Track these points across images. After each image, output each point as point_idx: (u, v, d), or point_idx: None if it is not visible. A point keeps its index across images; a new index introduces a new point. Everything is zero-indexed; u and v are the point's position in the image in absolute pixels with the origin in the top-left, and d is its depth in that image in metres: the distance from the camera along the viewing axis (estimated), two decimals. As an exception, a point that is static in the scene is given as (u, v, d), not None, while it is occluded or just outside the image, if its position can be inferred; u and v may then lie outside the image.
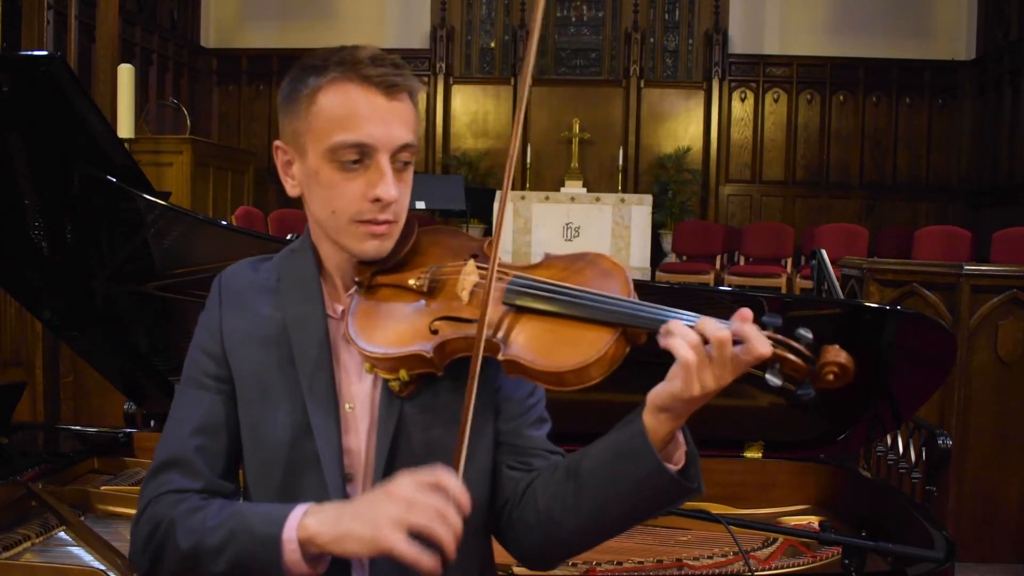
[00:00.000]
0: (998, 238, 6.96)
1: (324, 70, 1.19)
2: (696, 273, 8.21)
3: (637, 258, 8.45)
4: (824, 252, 3.43)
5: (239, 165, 7.64)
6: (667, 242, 9.16)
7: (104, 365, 2.44)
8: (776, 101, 10.04)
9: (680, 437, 1.14)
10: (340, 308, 1.27)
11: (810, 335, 1.05)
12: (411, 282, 1.21)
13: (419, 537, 1.04)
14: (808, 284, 6.82)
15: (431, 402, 1.19)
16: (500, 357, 1.13)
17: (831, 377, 1.03)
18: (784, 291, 7.78)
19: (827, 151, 9.97)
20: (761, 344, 1.04)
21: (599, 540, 1.24)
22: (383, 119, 1.18)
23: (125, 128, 6.00)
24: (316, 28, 10.10)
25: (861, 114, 9.93)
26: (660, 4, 10.37)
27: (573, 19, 10.55)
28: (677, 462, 1.13)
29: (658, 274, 8.45)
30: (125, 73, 6.17)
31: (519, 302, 1.15)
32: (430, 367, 1.17)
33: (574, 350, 1.10)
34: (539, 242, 8.49)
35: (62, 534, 1.87)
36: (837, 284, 3.41)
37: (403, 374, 1.17)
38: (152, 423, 2.45)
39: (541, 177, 9.89)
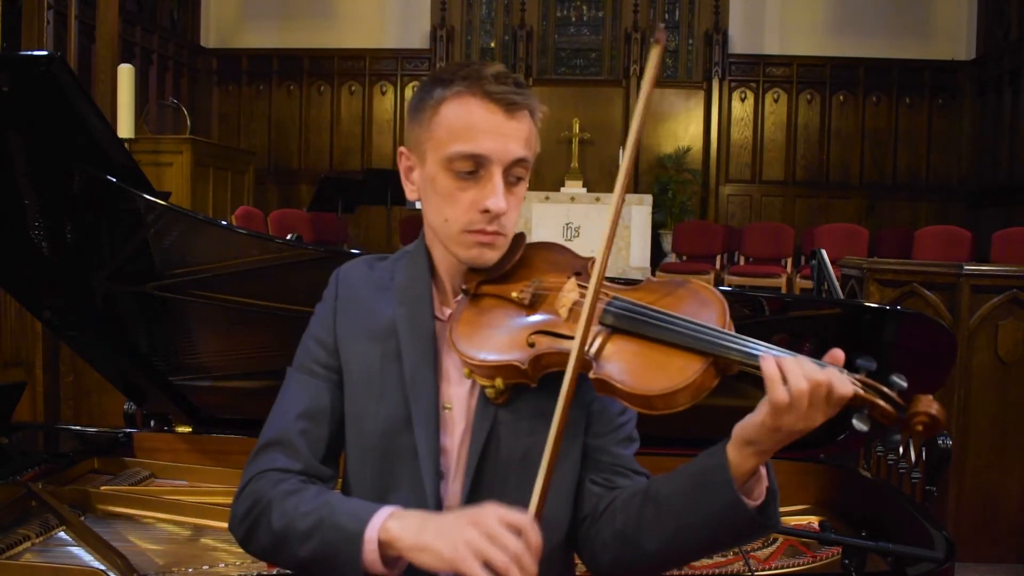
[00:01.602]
0: (998, 238, 6.96)
1: (450, 83, 1.24)
2: (696, 273, 8.20)
3: (637, 258, 8.45)
4: (824, 252, 3.43)
5: (239, 165, 7.63)
6: (667, 242, 9.15)
7: (104, 365, 2.44)
8: (776, 101, 10.04)
9: (763, 472, 1.15)
10: (448, 312, 1.31)
11: (904, 383, 1.06)
12: (514, 294, 1.25)
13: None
14: (808, 284, 6.82)
15: (524, 410, 1.23)
16: (591, 375, 1.15)
17: (920, 428, 1.04)
18: (784, 291, 7.78)
19: (827, 151, 9.96)
20: (844, 387, 1.05)
21: (673, 565, 1.27)
22: (500, 134, 1.22)
23: (125, 128, 6.00)
24: (316, 28, 10.11)
25: (861, 114, 9.92)
26: (660, 4, 10.37)
27: (573, 19, 10.55)
28: (757, 497, 1.15)
29: (658, 274, 8.44)
30: (125, 73, 6.17)
31: (615, 323, 1.17)
32: (524, 378, 1.20)
33: (664, 375, 1.11)
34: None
35: (62, 534, 1.87)
36: (837, 284, 3.41)
37: (499, 382, 1.21)
38: (152, 423, 2.45)
39: (541, 177, 9.88)
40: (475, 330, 1.23)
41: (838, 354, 1.07)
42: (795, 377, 1.05)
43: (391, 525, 1.15)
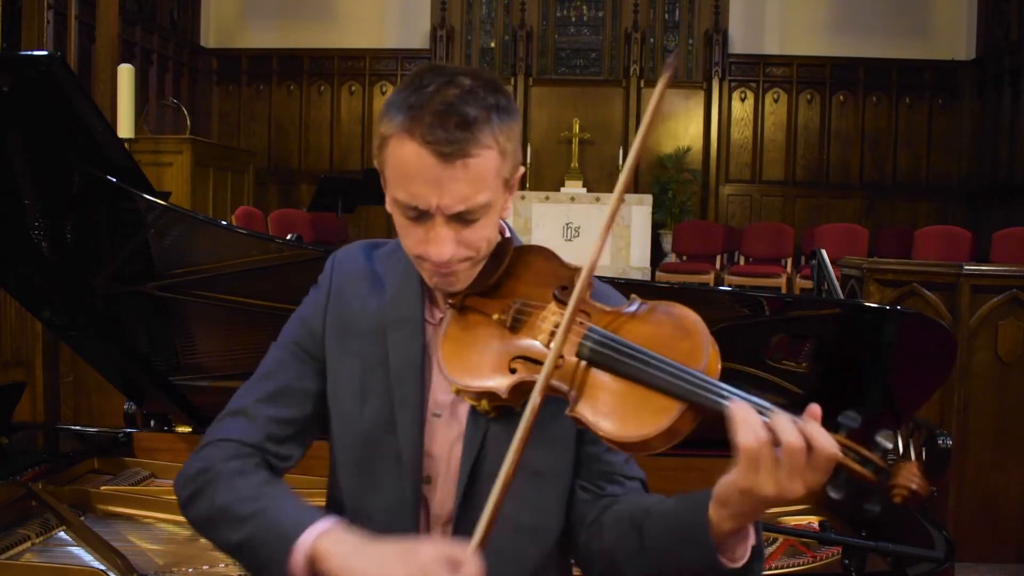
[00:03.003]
0: (998, 238, 6.96)
1: (395, 115, 1.14)
2: (696, 273, 8.20)
3: (637, 258, 8.45)
4: (824, 252, 3.43)
5: (239, 165, 7.63)
6: (667, 242, 9.15)
7: (104, 365, 2.44)
8: (776, 101, 10.03)
9: (749, 531, 1.10)
10: (439, 315, 1.28)
11: (890, 443, 0.99)
12: (495, 316, 1.21)
13: None
14: (808, 284, 6.82)
15: (516, 422, 1.18)
16: (567, 412, 1.11)
17: (898, 499, 0.96)
18: (784, 291, 7.78)
19: (827, 151, 9.96)
20: (830, 451, 0.97)
21: None
22: (437, 185, 1.12)
23: (125, 128, 6.00)
24: (316, 28, 10.10)
25: (861, 114, 9.92)
26: (660, 4, 10.37)
27: (573, 19, 10.54)
28: (739, 557, 1.10)
29: (658, 274, 8.44)
30: (125, 73, 6.17)
31: (591, 356, 1.12)
32: (507, 403, 1.16)
33: (637, 421, 1.07)
34: (539, 241, 8.48)
35: (62, 534, 1.87)
36: (837, 284, 3.41)
37: (484, 403, 1.18)
38: (152, 423, 2.45)
39: (541, 177, 9.88)
40: (460, 350, 1.20)
41: (815, 410, 1.01)
42: (758, 425, 0.99)
43: (323, 543, 1.11)
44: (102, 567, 1.70)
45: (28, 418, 3.49)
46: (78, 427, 2.67)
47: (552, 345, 1.12)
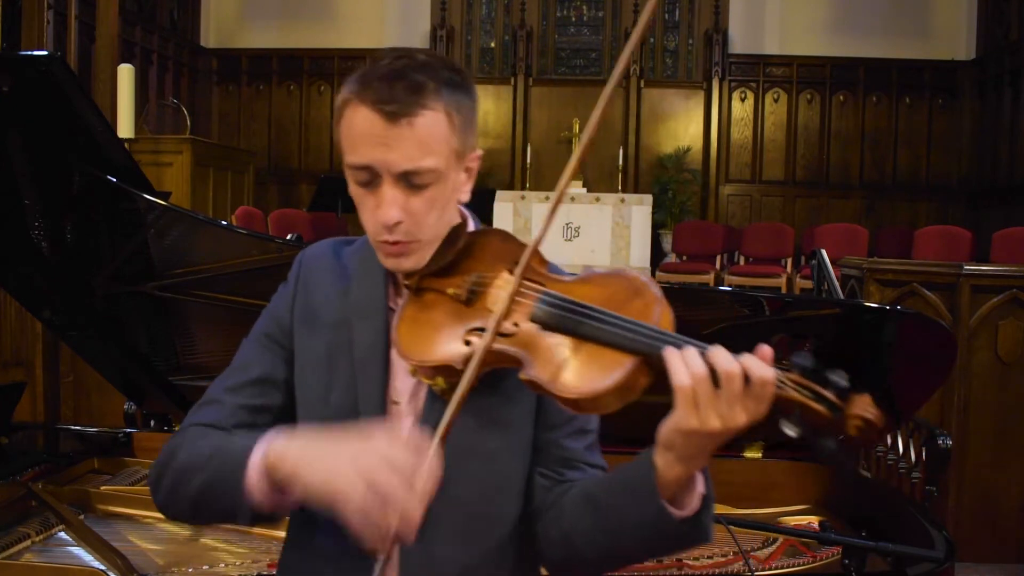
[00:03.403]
0: (998, 238, 6.96)
1: (350, 87, 1.19)
2: (696, 273, 8.21)
3: (637, 258, 8.44)
4: (824, 252, 3.43)
5: (239, 165, 7.63)
6: (667, 242, 9.15)
7: (104, 365, 2.44)
8: (776, 101, 10.03)
9: (698, 481, 1.11)
10: (400, 303, 1.29)
11: (845, 381, 0.98)
12: (450, 291, 1.21)
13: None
14: (808, 284, 6.82)
15: (472, 406, 1.18)
16: (521, 376, 1.11)
17: (855, 432, 0.96)
18: (784, 291, 7.78)
19: (827, 151, 9.96)
20: (763, 372, 0.98)
21: (617, 567, 1.25)
22: (382, 144, 1.16)
23: (125, 128, 6.00)
24: (316, 28, 10.11)
25: (861, 114, 9.92)
26: (660, 4, 10.37)
27: (573, 19, 10.55)
28: (687, 506, 1.10)
29: (658, 274, 8.44)
30: (125, 73, 6.17)
31: (545, 319, 1.13)
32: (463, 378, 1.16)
33: (588, 377, 1.07)
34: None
35: (62, 534, 1.87)
36: (837, 284, 3.41)
37: (440, 381, 1.17)
38: (152, 423, 2.46)
39: (541, 177, 9.88)
40: (415, 328, 1.20)
41: (766, 351, 1.01)
42: (695, 361, 1.00)
43: (274, 450, 1.12)
44: (102, 567, 1.70)
45: (28, 418, 3.49)
46: (78, 427, 2.68)
47: (499, 305, 1.13)
